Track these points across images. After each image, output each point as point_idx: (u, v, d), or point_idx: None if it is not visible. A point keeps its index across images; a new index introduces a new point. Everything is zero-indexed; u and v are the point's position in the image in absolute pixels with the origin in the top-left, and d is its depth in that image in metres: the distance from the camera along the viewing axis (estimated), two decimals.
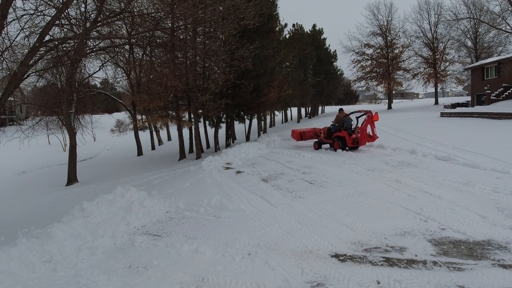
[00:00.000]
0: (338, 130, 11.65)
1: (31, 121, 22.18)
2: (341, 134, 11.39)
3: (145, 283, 3.73)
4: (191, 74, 14.49)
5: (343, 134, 11.32)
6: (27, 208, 10.74)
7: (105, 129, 40.94)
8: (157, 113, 17.37)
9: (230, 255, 4.19)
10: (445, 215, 4.91)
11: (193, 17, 9.69)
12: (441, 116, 20.01)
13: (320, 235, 4.57)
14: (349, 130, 11.39)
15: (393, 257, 3.83)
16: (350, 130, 11.38)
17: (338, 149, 11.36)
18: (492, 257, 3.65)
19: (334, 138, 11.68)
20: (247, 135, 21.94)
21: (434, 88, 36.24)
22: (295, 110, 38.78)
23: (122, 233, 5.41)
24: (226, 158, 12.21)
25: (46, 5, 7.80)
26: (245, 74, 15.64)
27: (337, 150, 11.36)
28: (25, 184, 17.09)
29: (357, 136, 11.02)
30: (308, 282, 3.44)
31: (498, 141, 10.17)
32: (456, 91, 67.50)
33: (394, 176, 7.28)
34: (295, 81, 25.46)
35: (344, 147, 11.25)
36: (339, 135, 11.47)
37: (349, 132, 11.29)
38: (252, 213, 5.79)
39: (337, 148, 11.43)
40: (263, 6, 14.99)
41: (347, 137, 11.16)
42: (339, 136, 11.49)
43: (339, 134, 11.48)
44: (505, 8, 26.51)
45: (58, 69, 12.15)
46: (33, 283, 3.98)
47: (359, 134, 10.98)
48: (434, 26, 32.83)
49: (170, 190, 8.26)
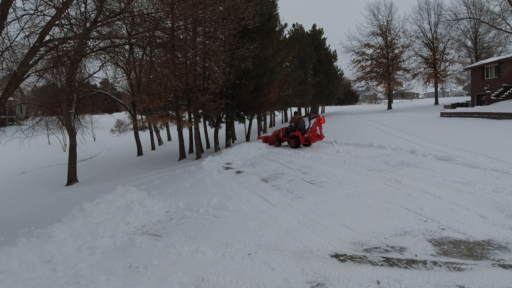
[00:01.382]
0: (294, 130, 13.70)
1: (31, 121, 22.17)
2: (296, 134, 13.45)
3: (145, 283, 3.73)
4: (191, 74, 14.49)
5: (297, 134, 13.39)
6: (27, 208, 10.74)
7: (105, 129, 40.90)
8: (157, 113, 17.36)
9: (230, 255, 4.18)
10: (445, 215, 4.91)
11: (193, 17, 9.69)
12: (441, 116, 20.01)
13: (320, 235, 4.57)
14: (302, 130, 13.47)
15: (393, 257, 3.82)
16: (303, 130, 13.46)
17: (293, 146, 13.42)
18: (492, 257, 3.64)
19: (290, 137, 13.78)
20: (247, 135, 21.94)
21: (434, 88, 36.27)
22: (295, 110, 38.76)
23: (122, 233, 5.41)
24: (226, 158, 12.21)
25: (46, 5, 7.80)
26: (245, 74, 15.64)
27: (293, 146, 13.44)
28: (25, 184, 17.09)
29: (308, 136, 13.05)
30: (308, 282, 3.44)
31: (498, 141, 10.17)
32: (456, 91, 67.51)
33: (394, 176, 7.28)
34: (295, 81, 25.49)
35: (298, 144, 13.37)
36: (294, 135, 13.51)
37: (302, 132, 13.36)
38: (252, 213, 5.79)
39: (293, 145, 13.46)
40: (263, 6, 14.99)
41: (300, 136, 13.25)
42: (294, 135, 13.54)
43: (294, 134, 13.51)
44: (505, 8, 26.52)
45: (58, 69, 12.16)
46: (33, 283, 3.98)
47: (310, 134, 13.05)
48: (434, 26, 32.88)
49: (170, 190, 8.26)
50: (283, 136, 14.48)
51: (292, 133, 13.74)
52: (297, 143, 13.38)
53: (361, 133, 15.66)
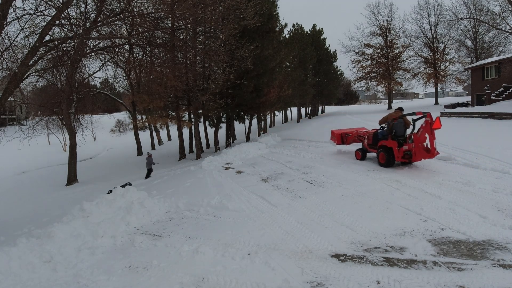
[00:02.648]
0: (385, 137, 8.55)
1: (31, 121, 22.19)
2: (388, 144, 8.29)
3: (145, 283, 3.73)
4: (191, 74, 14.49)
5: (390, 143, 8.21)
6: (27, 208, 10.74)
7: (105, 129, 40.96)
8: (157, 113, 17.39)
9: (230, 255, 4.18)
10: (445, 215, 4.91)
11: (193, 17, 9.70)
12: (441, 116, 19.99)
13: (320, 235, 4.57)
14: (400, 138, 8.16)
15: (393, 257, 3.82)
16: (401, 139, 8.14)
17: (382, 163, 8.37)
18: (492, 257, 3.64)
19: (380, 147, 8.64)
20: (247, 135, 21.94)
21: (434, 88, 36.26)
22: (295, 110, 38.78)
23: (122, 233, 5.41)
24: (226, 158, 12.22)
25: (46, 5, 7.81)
26: (245, 74, 15.64)
27: (382, 164, 8.40)
28: (25, 184, 17.10)
29: (410, 148, 7.87)
30: (308, 282, 3.44)
31: (498, 141, 10.16)
32: (456, 91, 67.49)
33: (394, 176, 7.28)
34: (295, 81, 25.48)
35: (391, 161, 8.16)
36: (386, 145, 8.38)
37: (399, 141, 8.08)
38: (252, 213, 5.79)
39: (382, 162, 8.37)
40: (263, 6, 15.00)
41: (395, 148, 8.04)
42: (385, 146, 8.41)
43: (386, 143, 8.40)
44: (505, 8, 26.52)
45: (58, 69, 12.17)
46: (33, 283, 3.98)
47: (413, 145, 7.81)
48: (434, 26, 32.87)
49: (170, 190, 8.26)
50: (368, 145, 9.41)
51: (382, 141, 8.61)
52: (390, 159, 8.19)
53: None
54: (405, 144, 7.99)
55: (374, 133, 9.26)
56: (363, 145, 9.72)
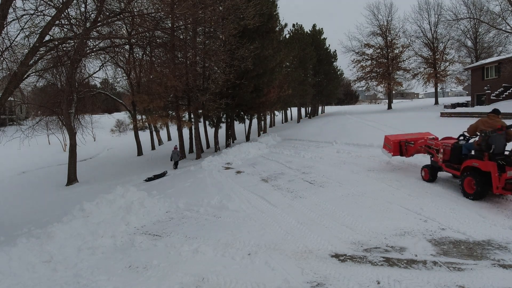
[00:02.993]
0: (478, 154, 5.82)
1: (31, 121, 22.18)
2: (484, 167, 5.50)
3: (145, 283, 3.73)
4: (191, 74, 14.49)
5: (488, 166, 5.43)
6: (27, 208, 10.73)
7: (105, 129, 40.94)
8: (157, 113, 17.39)
9: (230, 255, 4.18)
10: (445, 215, 4.91)
11: (193, 17, 9.70)
12: (441, 116, 19.99)
13: (320, 235, 4.57)
14: (498, 157, 5.42)
15: (393, 257, 3.82)
16: (499, 158, 5.40)
17: (471, 193, 5.57)
18: (492, 257, 3.65)
19: (466, 169, 5.90)
20: (247, 135, 21.93)
21: (434, 88, 36.23)
22: (295, 110, 38.78)
23: (122, 233, 5.41)
24: (226, 158, 12.22)
25: (46, 5, 7.80)
26: (245, 74, 15.64)
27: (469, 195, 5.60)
28: (25, 184, 17.09)
29: None
30: (308, 282, 3.44)
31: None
32: (456, 91, 67.49)
33: (394, 176, 7.28)
34: (295, 81, 25.47)
35: (485, 192, 5.50)
36: (479, 167, 5.61)
37: (498, 161, 5.36)
38: (252, 213, 5.79)
39: (470, 192, 5.60)
40: (263, 6, 15.00)
41: (494, 174, 5.25)
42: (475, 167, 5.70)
43: (478, 164, 5.62)
44: (505, 8, 26.51)
45: (58, 69, 12.17)
46: (33, 283, 3.98)
47: None
48: (434, 26, 32.83)
49: (170, 190, 8.27)
50: (444, 162, 6.57)
51: (471, 160, 5.81)
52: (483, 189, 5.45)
53: (361, 133, 15.64)
54: (508, 168, 5.19)
55: (454, 145, 6.44)
56: (434, 159, 6.97)
